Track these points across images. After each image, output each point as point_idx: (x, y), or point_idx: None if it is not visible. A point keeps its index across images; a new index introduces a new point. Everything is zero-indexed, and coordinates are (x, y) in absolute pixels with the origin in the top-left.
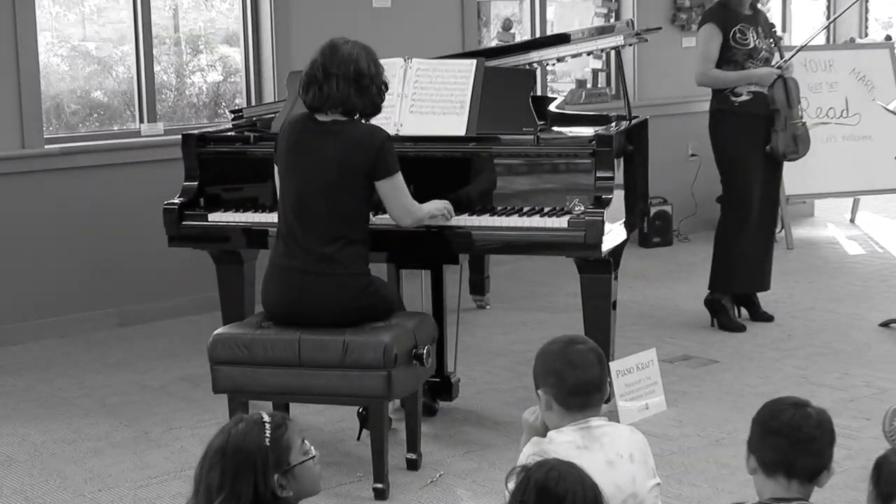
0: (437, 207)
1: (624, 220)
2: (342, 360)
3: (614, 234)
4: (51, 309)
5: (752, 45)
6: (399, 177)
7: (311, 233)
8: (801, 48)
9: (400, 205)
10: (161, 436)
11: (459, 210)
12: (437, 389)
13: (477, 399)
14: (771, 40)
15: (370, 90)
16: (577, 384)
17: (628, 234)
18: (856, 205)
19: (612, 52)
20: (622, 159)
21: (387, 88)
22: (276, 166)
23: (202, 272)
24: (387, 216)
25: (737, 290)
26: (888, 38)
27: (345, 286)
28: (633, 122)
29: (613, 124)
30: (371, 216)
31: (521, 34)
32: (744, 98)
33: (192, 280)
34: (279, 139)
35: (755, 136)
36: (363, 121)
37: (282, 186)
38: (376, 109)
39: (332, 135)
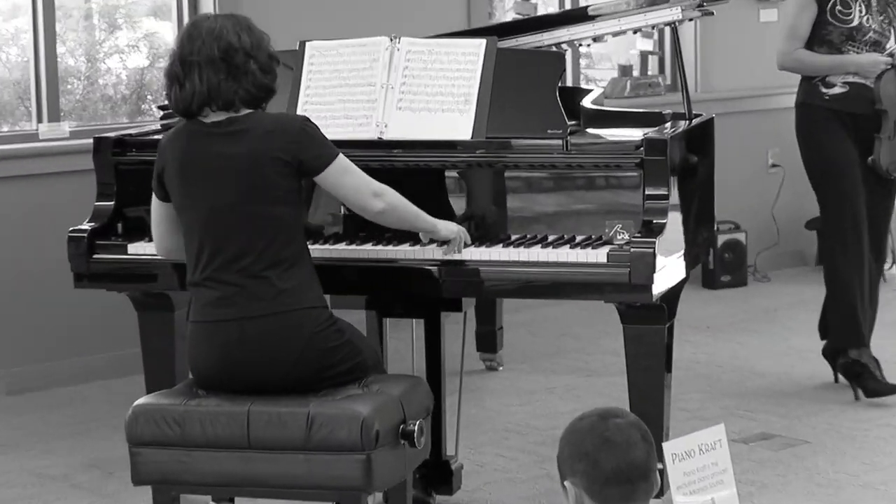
0: (451, 230)
1: (682, 252)
2: (306, 440)
3: (669, 271)
4: None
5: (855, 23)
6: (341, 158)
7: (238, 264)
8: None
9: (355, 187)
10: None
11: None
12: (432, 479)
13: (485, 492)
14: (886, 18)
15: (248, 69)
16: (616, 471)
17: (688, 272)
18: None
19: (667, 29)
20: (679, 172)
21: (276, 62)
22: (161, 196)
23: (119, 322)
24: (363, 248)
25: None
26: None
27: (298, 326)
28: (695, 121)
29: (668, 125)
30: (342, 245)
31: (547, 5)
32: (837, 90)
33: (105, 333)
34: (161, 167)
35: (850, 141)
36: (264, 110)
37: (184, 225)
38: (267, 91)
39: (231, 137)
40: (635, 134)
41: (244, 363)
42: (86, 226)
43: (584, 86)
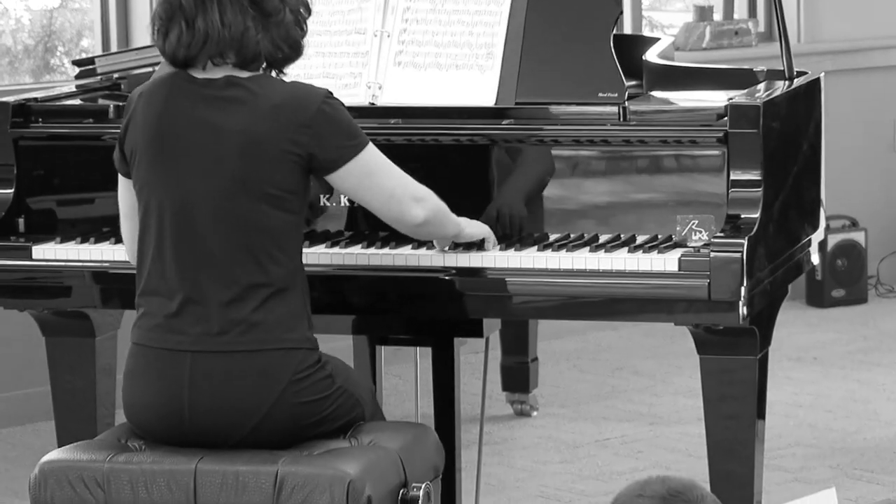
0: (479, 230)
1: (780, 259)
2: None
3: (762, 283)
4: None
5: None
6: (371, 150)
7: (203, 281)
8: None
9: (388, 191)
10: None
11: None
12: None
13: None
14: None
15: (280, 17)
16: None
17: (787, 285)
18: None
19: None
20: (776, 150)
21: (309, 12)
22: (125, 173)
23: (23, 351)
24: (350, 251)
25: None
26: None
27: (271, 370)
28: (797, 81)
29: (761, 86)
30: (320, 248)
31: None
32: None
33: (1, 367)
34: (131, 122)
35: None
36: (278, 75)
37: (143, 212)
38: (295, 51)
39: (224, 105)
40: (717, 98)
41: (191, 410)
42: None
43: (647, 34)
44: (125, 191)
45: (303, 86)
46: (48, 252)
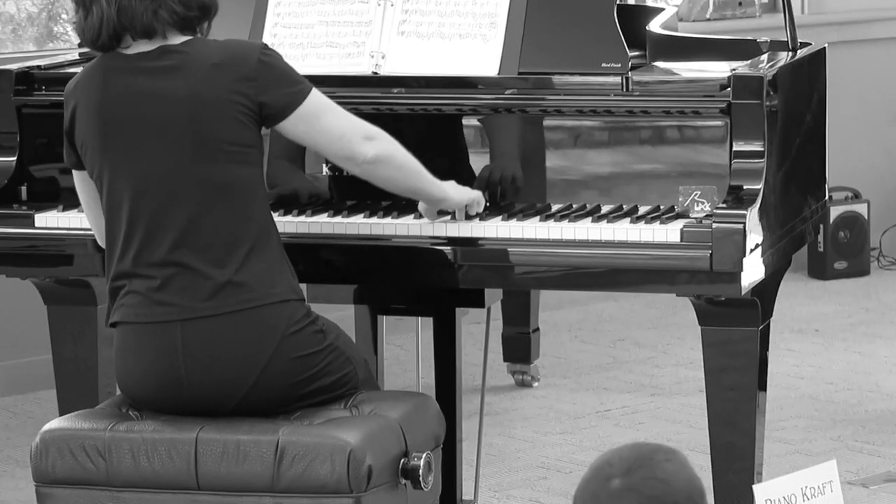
0: (467, 195)
1: (782, 230)
2: (274, 479)
3: (764, 255)
4: None
5: None
6: (315, 93)
7: (181, 250)
8: None
9: (338, 130)
10: None
11: (487, 210)
12: None
13: None
14: None
15: None
16: None
17: (790, 256)
18: None
19: None
20: (779, 121)
21: None
22: (76, 166)
23: (24, 319)
24: (351, 220)
25: None
26: None
27: (263, 327)
28: (800, 52)
29: (765, 57)
30: (322, 218)
31: None
32: None
33: (2, 334)
34: (70, 121)
35: None
36: (201, 35)
37: (106, 198)
38: (201, 7)
39: (163, 75)
40: (720, 69)
41: (189, 379)
42: None
43: (650, 4)
44: (81, 182)
45: (237, 42)
46: (50, 220)
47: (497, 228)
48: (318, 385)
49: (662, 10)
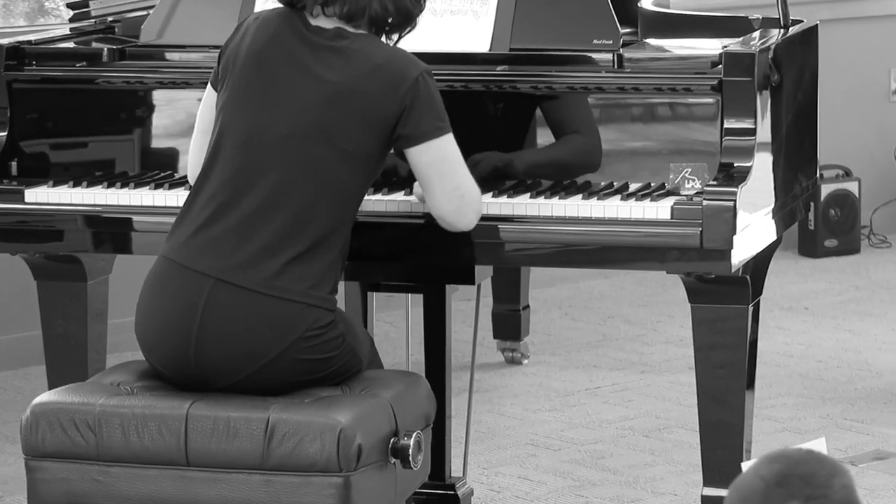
0: None
1: (773, 207)
2: (263, 456)
3: (755, 232)
4: None
5: None
6: (451, 138)
7: (251, 215)
8: None
9: (453, 185)
10: None
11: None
12: None
13: None
14: None
15: None
16: None
17: (780, 234)
18: None
19: None
20: (770, 98)
21: None
22: (213, 83)
23: (14, 295)
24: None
25: None
26: None
27: (286, 322)
28: (792, 29)
29: (756, 34)
30: None
31: None
32: None
33: None
34: (241, 39)
35: None
36: (386, 41)
37: (218, 127)
38: (406, 17)
39: (327, 54)
40: (711, 46)
41: (198, 338)
42: None
43: None
44: (206, 106)
45: (405, 54)
46: (40, 195)
47: (487, 206)
48: (322, 383)
49: None
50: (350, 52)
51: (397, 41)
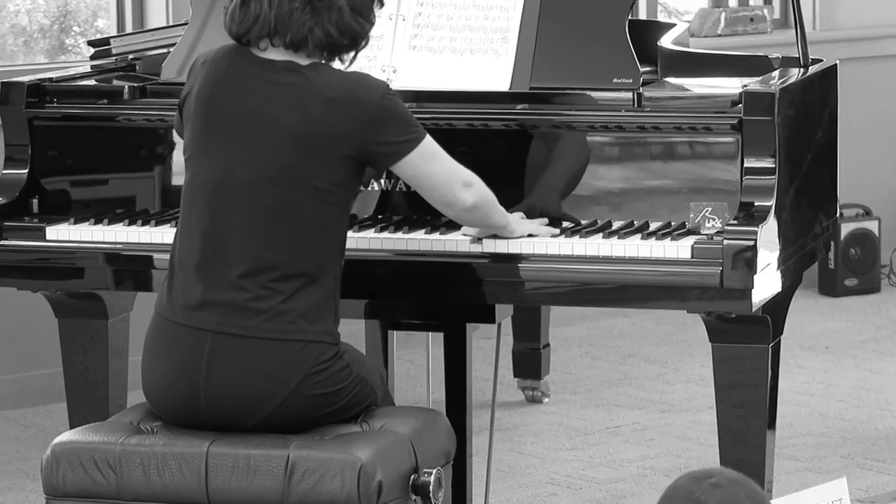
0: (529, 228)
1: (793, 247)
2: (284, 494)
3: (775, 271)
4: None
5: None
6: (427, 140)
7: (240, 262)
8: None
9: (443, 177)
10: None
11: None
12: None
13: None
14: None
15: (335, 4)
16: None
17: (801, 273)
18: None
19: None
20: (790, 137)
21: (381, 4)
22: (181, 135)
23: (34, 332)
24: (362, 235)
25: None
26: None
27: (291, 360)
28: (812, 69)
29: (776, 73)
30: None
31: None
32: None
33: (14, 347)
34: (186, 93)
35: None
36: (341, 65)
37: (186, 182)
38: (353, 38)
39: (282, 89)
40: (732, 85)
41: (206, 393)
42: None
43: (662, 19)
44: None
45: (361, 79)
46: (62, 233)
47: (508, 244)
48: (340, 416)
49: (674, 25)
50: (304, 88)
51: (352, 61)
